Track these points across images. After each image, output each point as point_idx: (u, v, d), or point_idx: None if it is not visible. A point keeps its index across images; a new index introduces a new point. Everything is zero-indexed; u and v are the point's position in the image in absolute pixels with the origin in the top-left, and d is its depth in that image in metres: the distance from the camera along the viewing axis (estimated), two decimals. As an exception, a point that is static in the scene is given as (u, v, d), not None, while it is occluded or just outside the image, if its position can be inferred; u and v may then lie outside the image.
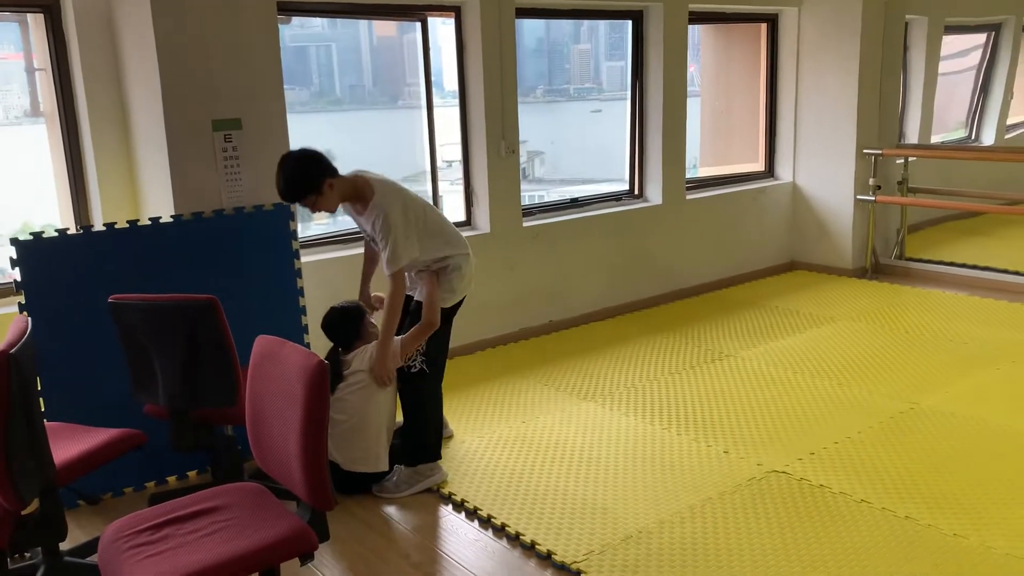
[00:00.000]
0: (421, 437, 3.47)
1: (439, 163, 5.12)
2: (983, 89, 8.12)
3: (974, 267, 6.34)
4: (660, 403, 4.22)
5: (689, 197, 6.13)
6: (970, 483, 3.29)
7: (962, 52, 8.07)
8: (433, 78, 4.98)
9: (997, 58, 8.03)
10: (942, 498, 3.19)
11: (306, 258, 4.21)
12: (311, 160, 3.17)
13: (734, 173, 6.73)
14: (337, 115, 5.48)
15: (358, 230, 3.73)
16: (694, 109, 6.51)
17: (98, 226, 3.68)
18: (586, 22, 6.55)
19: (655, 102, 5.79)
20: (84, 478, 2.65)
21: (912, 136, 7.28)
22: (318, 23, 5.10)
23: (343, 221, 4.64)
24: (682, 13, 5.75)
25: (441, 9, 4.89)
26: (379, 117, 5.63)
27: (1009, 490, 3.24)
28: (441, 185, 5.14)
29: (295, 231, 3.82)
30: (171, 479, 3.62)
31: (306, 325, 3.86)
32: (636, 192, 6.00)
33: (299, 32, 4.93)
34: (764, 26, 6.63)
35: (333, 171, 3.21)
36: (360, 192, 3.26)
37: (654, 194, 5.94)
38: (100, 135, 3.92)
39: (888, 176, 6.64)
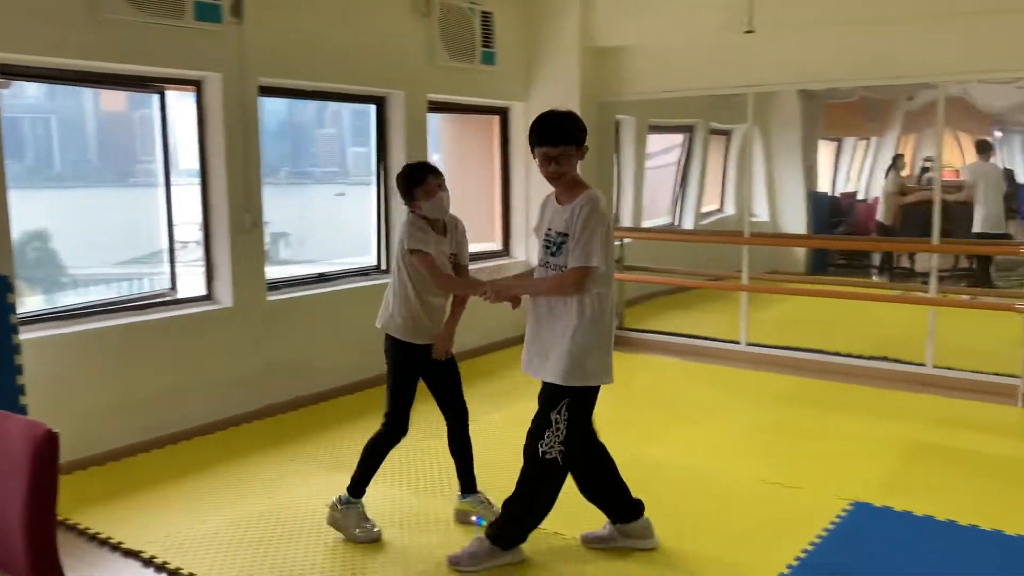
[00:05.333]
0: (534, 520, 3.30)
1: (177, 244, 4.98)
2: (683, 181, 9.32)
3: (682, 335, 7.17)
4: (410, 470, 4.33)
5: (432, 273, 6.41)
6: (682, 515, 3.73)
7: (667, 149, 9.24)
8: (170, 154, 4.88)
9: (692, 155, 9.30)
10: (664, 537, 3.58)
11: (27, 334, 3.90)
12: (577, 116, 3.25)
13: (474, 251, 7.14)
14: (57, 192, 5.14)
15: (87, 305, 3.54)
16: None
17: None
18: (331, 108, 6.76)
19: (398, 183, 6.06)
20: None
21: (626, 220, 8.17)
22: (32, 94, 4.79)
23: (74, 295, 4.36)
24: (421, 101, 6.13)
25: (181, 83, 4.85)
26: (107, 195, 5.36)
27: (713, 523, 3.71)
28: (180, 268, 4.99)
29: (13, 304, 3.55)
30: None
31: (24, 405, 3.56)
32: (383, 267, 6.18)
33: (12, 103, 4.58)
34: (497, 118, 7.22)
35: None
36: (577, 182, 3.21)
37: (399, 270, 6.15)
38: None
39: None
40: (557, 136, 3.15)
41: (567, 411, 3.15)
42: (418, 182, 3.50)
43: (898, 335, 6.41)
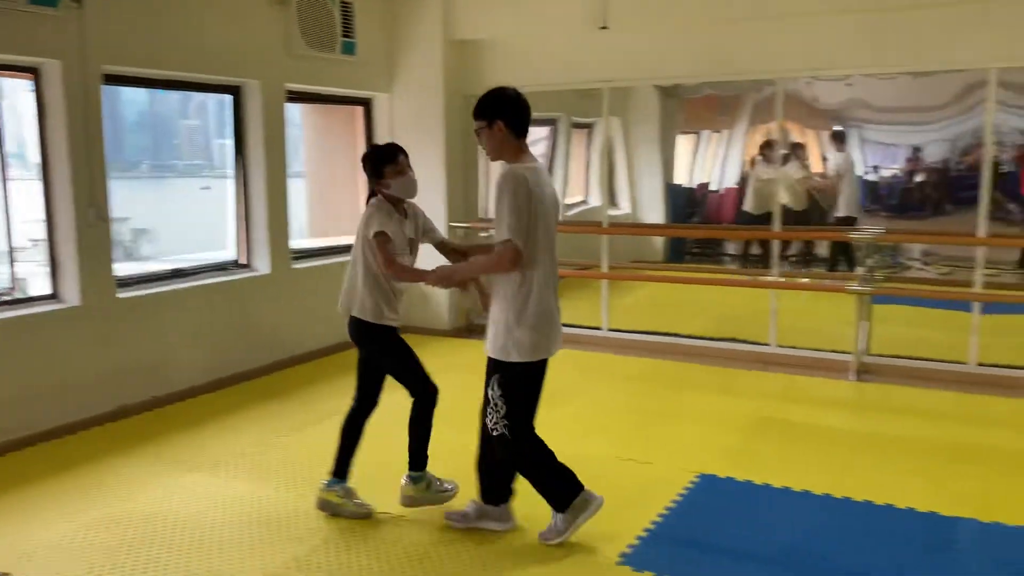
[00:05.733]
0: (550, 486, 3.37)
1: (25, 242, 4.73)
2: (548, 173, 9.54)
3: (548, 323, 7.35)
4: (265, 466, 4.28)
5: (297, 266, 6.33)
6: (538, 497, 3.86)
7: (532, 142, 9.42)
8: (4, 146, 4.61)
9: (557, 147, 9.53)
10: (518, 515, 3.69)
11: None
12: (502, 97, 3.25)
13: (336, 246, 7.09)
14: None
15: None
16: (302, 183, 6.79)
17: None
18: (196, 98, 6.54)
19: (258, 175, 5.95)
20: None
21: (492, 213, 8.30)
22: None
23: None
24: (279, 91, 6.03)
25: (16, 70, 4.59)
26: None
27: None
28: (28, 267, 4.73)
29: None
30: None
31: None
32: (244, 262, 6.05)
33: None
34: (360, 109, 7.18)
35: (512, 120, 3.21)
36: (509, 160, 3.24)
37: (262, 264, 6.04)
38: None
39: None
40: (474, 111, 3.28)
41: (498, 387, 3.26)
42: (389, 159, 3.57)
43: (745, 316, 6.81)
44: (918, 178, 7.56)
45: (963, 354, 5.81)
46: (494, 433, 3.31)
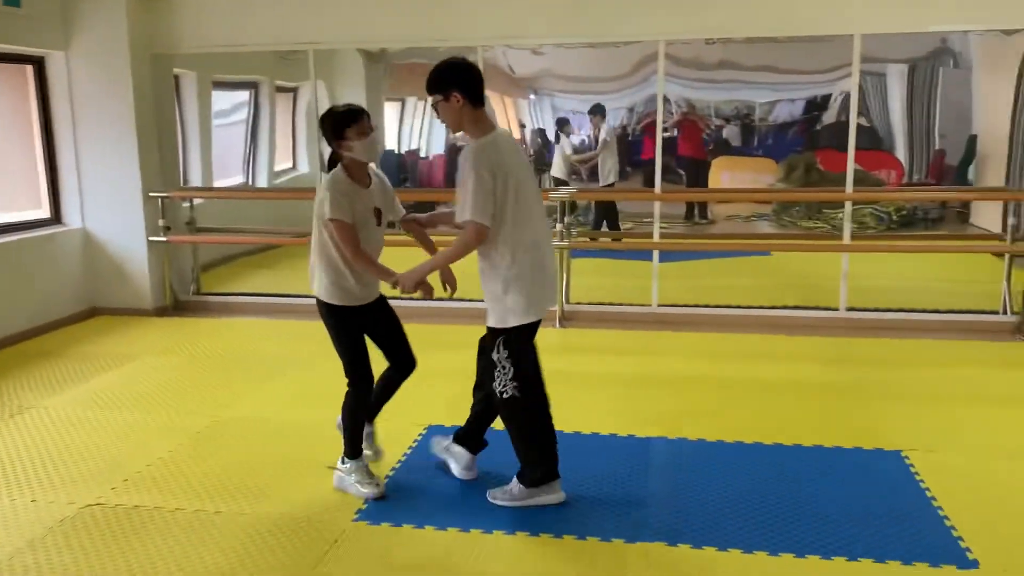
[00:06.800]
0: (534, 454, 3.42)
1: None
2: (253, 139, 9.16)
3: (267, 295, 7.14)
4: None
5: (-38, 248, 5.55)
6: (266, 467, 3.80)
7: (234, 106, 8.97)
8: None
9: (260, 112, 9.17)
10: (245, 489, 3.61)
11: None
12: (455, 67, 3.23)
13: (16, 222, 6.31)
14: None
15: None
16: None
17: None
18: None
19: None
20: None
21: (196, 180, 7.83)
22: None
23: None
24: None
25: None
26: None
27: (286, 466, 3.85)
28: None
29: None
30: None
31: None
32: None
33: None
34: (30, 68, 6.39)
35: (468, 90, 3.19)
36: (473, 134, 3.23)
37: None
38: None
39: (177, 218, 7.04)
40: (427, 85, 3.25)
41: (503, 348, 3.33)
42: (352, 121, 3.34)
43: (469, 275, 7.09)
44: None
45: (647, 297, 6.55)
46: (504, 396, 3.36)
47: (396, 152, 9.28)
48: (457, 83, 3.19)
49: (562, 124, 8.52)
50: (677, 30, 6.14)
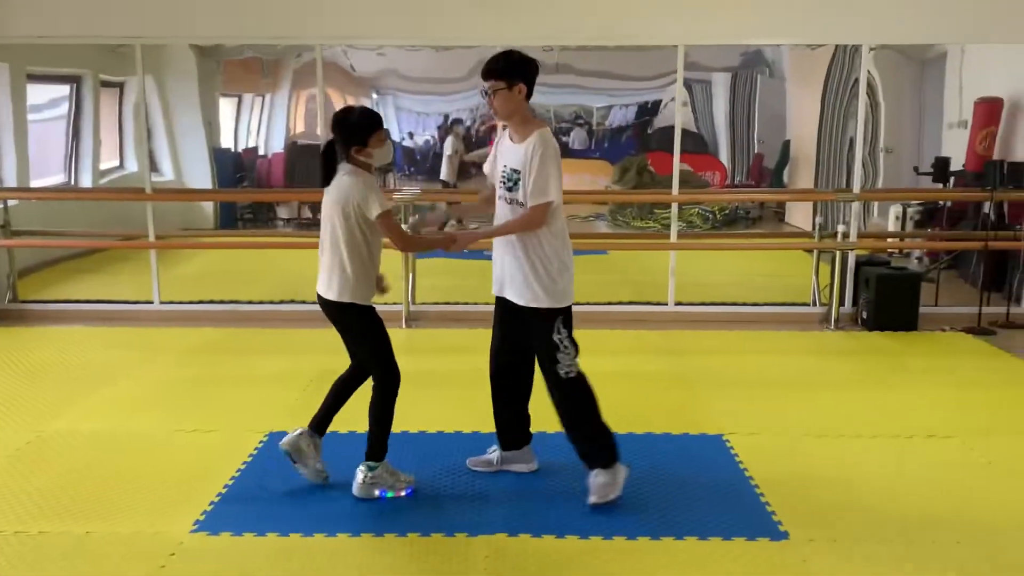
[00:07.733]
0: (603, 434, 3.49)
1: None
2: (75, 136, 8.61)
3: (90, 301, 6.73)
4: None
5: None
6: (96, 481, 3.62)
7: (53, 101, 8.39)
8: None
9: (83, 108, 8.62)
10: (73, 506, 3.43)
11: None
12: (524, 59, 3.33)
13: None
14: None
15: None
16: None
17: None
18: None
19: None
20: None
21: (10, 180, 7.28)
22: None
23: None
24: None
25: None
26: None
27: (118, 479, 3.69)
28: None
29: None
30: None
31: None
32: None
33: None
34: None
35: (531, 84, 3.34)
36: (527, 120, 3.38)
37: None
38: None
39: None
40: (486, 72, 3.31)
41: (564, 327, 3.40)
42: (377, 127, 3.34)
43: (308, 278, 6.98)
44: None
45: (489, 297, 6.68)
46: (570, 375, 3.41)
47: (232, 151, 9.00)
48: (524, 75, 3.33)
49: (454, 124, 8.57)
50: (509, 35, 6.29)
